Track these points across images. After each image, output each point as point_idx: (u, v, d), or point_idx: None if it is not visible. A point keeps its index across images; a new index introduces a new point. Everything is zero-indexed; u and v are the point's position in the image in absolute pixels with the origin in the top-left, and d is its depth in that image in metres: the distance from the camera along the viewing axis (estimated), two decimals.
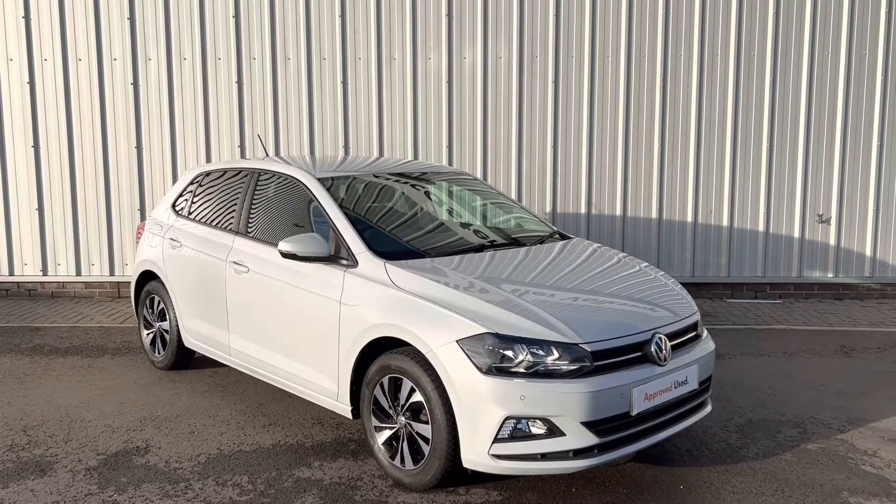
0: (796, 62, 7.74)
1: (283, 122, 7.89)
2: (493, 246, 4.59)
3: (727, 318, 7.21)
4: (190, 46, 7.80)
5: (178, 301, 5.39)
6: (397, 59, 7.79)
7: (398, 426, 3.79)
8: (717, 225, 7.93)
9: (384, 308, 3.84)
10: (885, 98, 7.76)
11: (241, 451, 4.23)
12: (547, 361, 3.43)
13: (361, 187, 4.88)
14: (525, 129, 7.84)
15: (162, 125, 7.89)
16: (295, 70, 7.82)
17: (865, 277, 7.99)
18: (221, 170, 5.49)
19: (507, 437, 3.41)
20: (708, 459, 4.12)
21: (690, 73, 7.76)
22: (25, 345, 6.37)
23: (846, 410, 4.84)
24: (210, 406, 4.92)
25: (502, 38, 7.75)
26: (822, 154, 7.84)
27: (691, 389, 3.83)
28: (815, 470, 4.01)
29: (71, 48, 7.80)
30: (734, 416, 4.72)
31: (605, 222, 7.94)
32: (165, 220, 5.69)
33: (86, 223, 8.02)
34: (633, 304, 3.98)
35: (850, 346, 6.32)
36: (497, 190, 5.74)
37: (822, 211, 7.91)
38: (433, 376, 3.56)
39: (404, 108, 7.84)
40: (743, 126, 7.81)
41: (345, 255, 4.16)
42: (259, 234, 4.79)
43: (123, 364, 5.83)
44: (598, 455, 3.47)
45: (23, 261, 8.08)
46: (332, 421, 4.62)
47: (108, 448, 4.28)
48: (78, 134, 7.90)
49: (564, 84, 7.80)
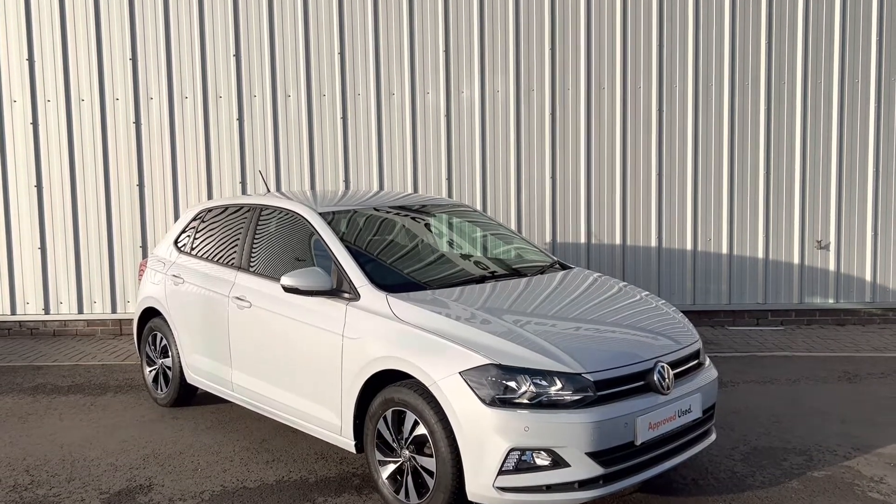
0: (790, 89, 7.83)
1: (283, 157, 7.96)
2: (494, 277, 4.61)
3: (729, 346, 7.20)
4: (191, 85, 7.90)
5: (180, 337, 5.39)
6: (396, 95, 7.89)
7: (402, 460, 3.77)
8: (716, 252, 7.96)
9: (387, 341, 3.85)
10: (878, 122, 7.84)
11: (245, 488, 4.20)
12: (550, 392, 3.43)
13: (362, 221, 4.92)
14: (523, 160, 7.91)
15: (164, 163, 7.96)
16: (295, 106, 7.92)
17: (866, 303, 8.00)
18: (223, 206, 5.53)
19: (512, 469, 3.39)
20: (714, 489, 4.09)
21: (686, 103, 7.85)
22: (27, 384, 6.36)
23: (851, 437, 4.82)
24: (213, 442, 4.90)
25: (499, 72, 7.86)
26: (819, 179, 7.90)
27: (695, 418, 3.83)
28: (822, 498, 3.98)
29: (74, 89, 7.90)
30: (739, 445, 4.70)
31: (605, 252, 7.97)
32: (168, 257, 5.72)
33: (88, 261, 8.05)
34: (634, 333, 3.99)
35: (854, 371, 6.31)
36: (497, 221, 5.78)
37: (821, 237, 7.94)
38: (436, 409, 3.55)
39: (403, 142, 7.92)
40: (739, 153, 7.88)
41: (347, 288, 4.19)
42: (261, 269, 4.82)
43: (126, 402, 5.81)
44: (603, 486, 3.45)
45: (25, 300, 8.10)
46: (335, 456, 4.60)
47: (111, 487, 4.26)
48: (80, 173, 7.97)
49: (561, 116, 7.89)
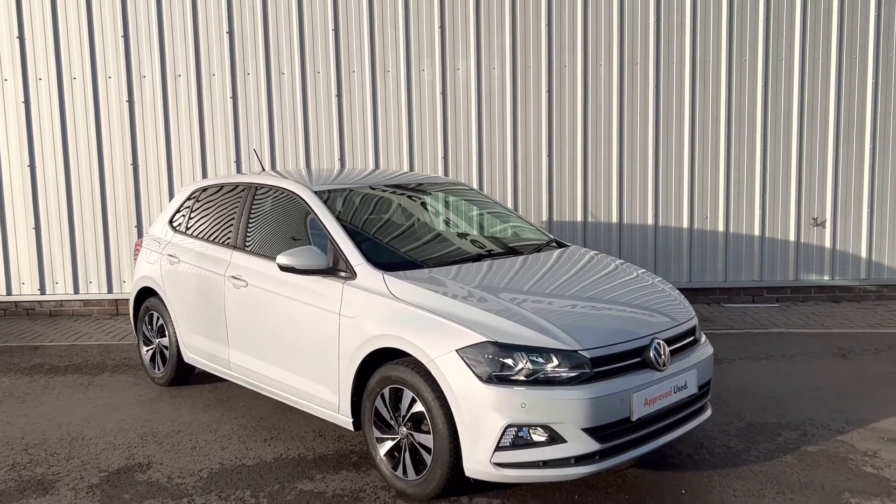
0: (787, 67, 7.80)
1: (278, 136, 7.92)
2: (491, 255, 4.61)
3: (725, 323, 7.23)
4: (184, 63, 7.83)
5: (177, 317, 5.39)
6: (391, 72, 7.83)
7: (400, 437, 3.80)
8: (712, 230, 7.96)
9: (383, 319, 3.85)
10: (875, 100, 7.81)
11: (244, 466, 4.23)
12: (547, 369, 3.44)
13: (358, 199, 4.90)
14: (520, 138, 7.88)
15: (158, 142, 7.92)
16: (289, 84, 7.86)
17: (861, 279, 8.03)
18: (218, 185, 5.51)
19: (509, 446, 3.42)
20: (709, 463, 4.13)
21: (683, 80, 7.81)
22: (25, 364, 6.36)
23: (845, 412, 4.86)
24: (211, 421, 4.92)
25: (495, 48, 7.80)
26: (816, 157, 7.89)
27: (691, 394, 3.85)
28: (816, 472, 4.02)
29: (66, 67, 7.83)
30: (734, 420, 4.73)
31: (602, 230, 7.97)
32: (163, 237, 5.70)
33: (83, 241, 8.02)
34: (631, 311, 4.00)
35: (848, 348, 6.34)
36: (493, 199, 5.77)
37: (817, 214, 7.95)
38: (434, 386, 3.57)
39: (399, 120, 7.88)
40: (736, 131, 7.86)
41: (343, 267, 4.18)
42: (257, 249, 4.81)
43: (123, 381, 5.82)
44: (599, 461, 3.48)
45: (20, 280, 8.08)
46: (333, 433, 4.62)
47: (109, 465, 4.28)
48: (74, 152, 7.93)
49: (558, 93, 7.84)
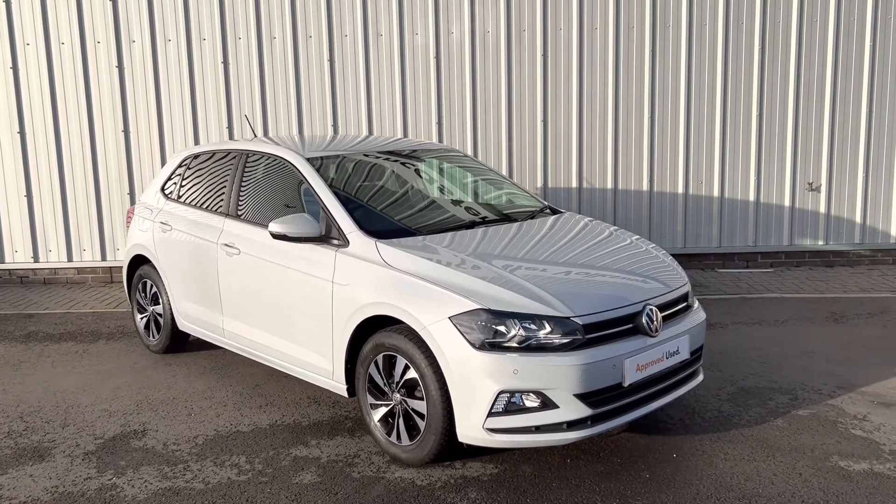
0: (784, 30, 7.71)
1: (270, 101, 7.83)
2: (485, 222, 4.59)
3: (719, 288, 7.26)
4: (174, 27, 7.71)
5: (170, 284, 5.38)
6: (384, 36, 7.72)
7: (393, 403, 3.82)
8: (707, 196, 7.94)
9: (376, 287, 3.85)
10: (873, 63, 7.74)
11: (239, 432, 4.26)
12: (539, 335, 3.45)
13: (351, 166, 4.86)
14: (515, 103, 7.81)
15: (149, 108, 7.82)
16: (281, 49, 7.75)
17: (855, 244, 8.04)
18: (210, 152, 5.46)
19: (502, 411, 3.44)
20: (701, 428, 4.17)
21: (679, 43, 7.72)
22: (19, 332, 6.37)
23: (836, 376, 4.90)
24: (206, 388, 4.94)
25: (489, 11, 7.68)
26: (812, 121, 7.84)
27: (683, 359, 3.87)
28: (806, 435, 4.06)
29: (53, 32, 7.70)
30: (726, 385, 4.77)
31: (597, 196, 7.95)
32: (155, 204, 5.67)
33: (75, 208, 7.97)
34: (624, 277, 4.00)
35: (841, 312, 6.37)
36: (487, 166, 5.73)
37: (812, 178, 7.93)
38: (427, 353, 3.58)
39: (392, 85, 7.79)
40: (732, 95, 7.79)
41: (336, 234, 4.16)
42: (249, 216, 4.79)
43: (118, 349, 5.83)
44: (591, 426, 3.51)
45: (13, 248, 8.05)
46: (328, 400, 4.65)
47: (105, 432, 4.31)
48: (64, 118, 7.83)
49: (553, 57, 7.75)
